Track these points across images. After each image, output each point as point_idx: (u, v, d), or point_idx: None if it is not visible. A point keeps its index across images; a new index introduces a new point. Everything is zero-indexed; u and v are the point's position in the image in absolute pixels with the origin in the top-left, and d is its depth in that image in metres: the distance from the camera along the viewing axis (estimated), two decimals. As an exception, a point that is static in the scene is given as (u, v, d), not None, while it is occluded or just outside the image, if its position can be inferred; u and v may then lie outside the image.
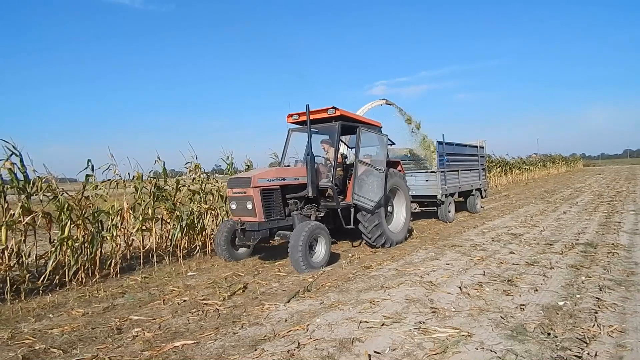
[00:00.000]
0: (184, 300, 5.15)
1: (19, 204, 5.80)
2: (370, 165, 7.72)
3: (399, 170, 8.88)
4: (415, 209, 10.81)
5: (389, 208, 8.44)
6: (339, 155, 8.05)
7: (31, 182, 5.99)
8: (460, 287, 5.15)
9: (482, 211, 13.39)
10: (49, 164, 6.25)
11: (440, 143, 11.22)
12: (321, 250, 6.56)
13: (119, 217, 7.02)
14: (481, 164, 13.90)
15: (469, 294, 4.89)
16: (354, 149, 8.20)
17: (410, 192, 9.87)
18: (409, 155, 12.67)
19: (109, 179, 7.39)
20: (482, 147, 14.26)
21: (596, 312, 4.14)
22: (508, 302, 4.56)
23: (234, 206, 6.83)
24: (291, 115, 8.01)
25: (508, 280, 5.37)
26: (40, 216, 5.99)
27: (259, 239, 6.68)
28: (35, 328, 4.41)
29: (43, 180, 6.15)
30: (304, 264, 6.14)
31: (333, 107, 7.30)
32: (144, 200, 7.40)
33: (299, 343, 3.69)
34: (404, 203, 8.75)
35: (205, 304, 4.97)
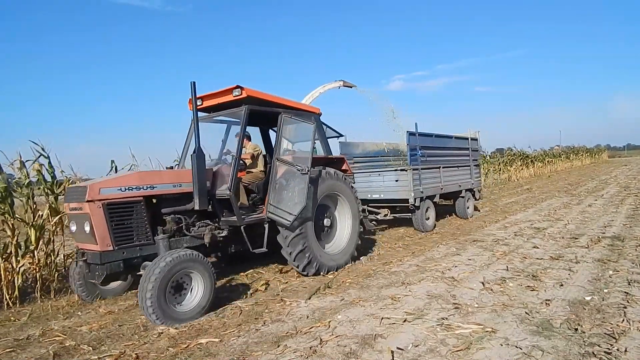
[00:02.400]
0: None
1: (47, 205, 5.98)
2: (292, 164, 5.70)
3: (344, 171, 6.85)
4: (386, 215, 9.24)
5: (325, 221, 6.42)
6: (253, 154, 6.46)
7: (59, 183, 6.17)
8: (483, 283, 5.09)
9: (476, 215, 11.34)
10: (75, 165, 6.43)
11: (412, 134, 9.01)
12: (196, 291, 4.55)
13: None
14: (473, 160, 11.56)
15: (492, 290, 4.82)
16: (297, 144, 7.11)
17: (379, 196, 9.01)
18: (386, 150, 11.22)
19: None
20: (474, 140, 11.89)
21: (625, 307, 4.04)
22: (533, 298, 4.48)
23: (73, 228, 4.90)
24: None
25: (532, 275, 5.28)
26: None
27: (104, 275, 4.72)
28: (65, 325, 4.55)
29: (70, 181, 6.32)
30: (158, 314, 4.15)
31: (238, 87, 5.56)
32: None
33: (321, 339, 3.71)
34: (349, 214, 6.66)
35: (227, 301, 5.03)
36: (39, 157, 5.96)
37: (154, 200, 5.21)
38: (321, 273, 5.94)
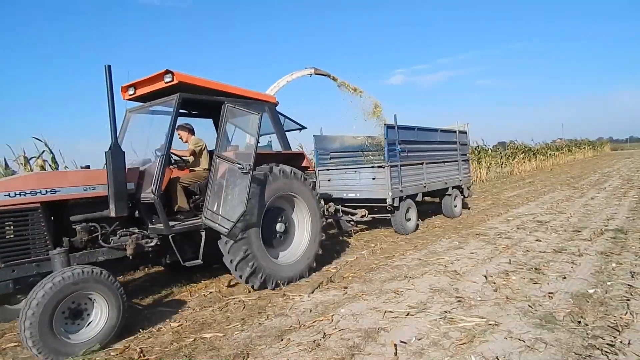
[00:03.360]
0: (210, 292, 5.24)
1: None
2: (232, 161, 4.92)
3: (304, 168, 6.09)
4: (364, 216, 8.47)
5: (278, 226, 5.59)
6: (195, 150, 5.63)
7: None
8: (485, 276, 5.09)
9: (467, 213, 10.67)
10: (79, 160, 6.43)
11: (390, 127, 8.25)
12: (99, 319, 3.78)
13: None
14: (462, 154, 10.78)
15: (494, 283, 4.82)
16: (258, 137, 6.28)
17: (355, 195, 8.34)
18: (367, 144, 10.47)
19: None
20: (463, 133, 11.05)
21: (628, 300, 4.03)
22: (536, 291, 4.48)
23: None
24: (126, 89, 5.41)
25: (535, 269, 5.28)
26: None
27: None
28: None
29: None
30: (40, 348, 3.41)
31: (168, 72, 4.84)
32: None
33: (324, 333, 3.72)
34: (308, 218, 5.86)
35: (230, 295, 5.05)
36: (43, 152, 5.97)
37: (60, 207, 4.37)
38: (268, 286, 5.13)
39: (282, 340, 3.67)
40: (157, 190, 4.59)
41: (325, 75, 9.59)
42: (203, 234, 4.95)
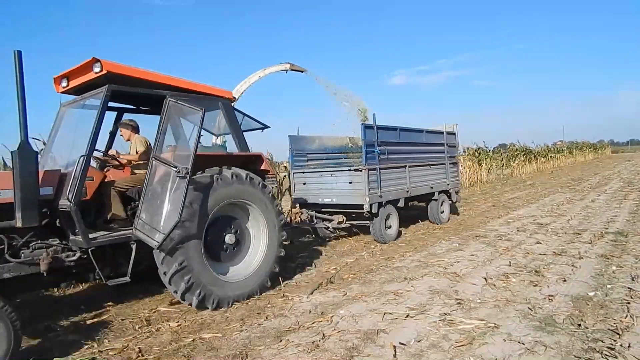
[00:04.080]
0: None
1: None
2: (168, 164, 4.33)
3: (264, 172, 5.47)
4: (341, 223, 7.84)
5: (227, 237, 4.89)
6: (137, 150, 5.03)
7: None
8: (485, 278, 5.08)
9: (457, 219, 10.10)
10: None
11: (368, 127, 7.64)
12: None
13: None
14: (450, 157, 10.15)
15: (494, 285, 4.81)
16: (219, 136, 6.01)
17: (331, 200, 7.78)
18: (350, 146, 9.79)
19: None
20: (451, 134, 10.45)
21: (629, 303, 4.02)
22: (535, 293, 4.47)
23: None
24: (59, 80, 4.82)
25: (535, 271, 5.27)
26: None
27: None
28: (69, 320, 4.56)
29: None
30: None
31: (96, 60, 4.25)
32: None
33: (323, 334, 3.71)
34: (265, 230, 5.19)
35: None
36: (42, 150, 5.96)
37: None
38: (208, 306, 4.50)
39: (281, 341, 3.66)
40: (74, 197, 3.97)
41: (301, 72, 9.05)
42: (134, 247, 4.32)
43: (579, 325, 3.59)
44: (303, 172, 8.41)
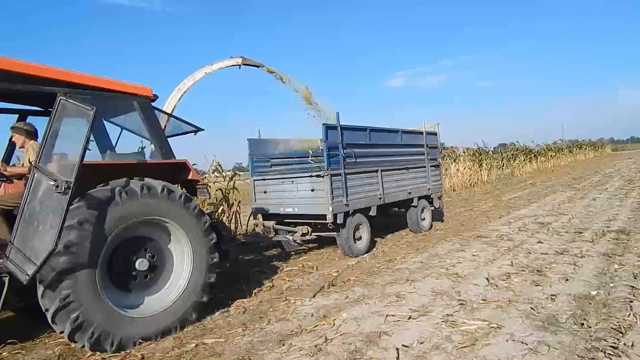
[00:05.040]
0: (211, 298, 5.21)
1: None
2: (49, 176, 3.56)
3: (190, 183, 4.91)
4: (306, 234, 6.98)
5: (139, 263, 4.12)
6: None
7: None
8: (487, 279, 5.07)
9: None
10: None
11: (331, 128, 6.79)
12: None
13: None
14: (431, 159, 9.26)
15: (497, 286, 4.81)
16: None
17: (292, 209, 6.97)
18: (321, 149, 7.64)
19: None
20: (432, 134, 9.58)
21: (631, 301, 4.01)
22: (538, 293, 4.46)
23: None
24: None
25: (537, 271, 5.26)
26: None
27: None
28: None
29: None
30: None
31: None
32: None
33: (326, 338, 3.71)
34: (190, 253, 4.38)
35: (231, 299, 5.04)
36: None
37: None
38: (106, 347, 3.71)
39: (283, 345, 3.65)
40: None
41: (256, 67, 8.00)
42: (6, 280, 3.54)
43: (582, 324, 3.58)
44: (263, 179, 7.60)
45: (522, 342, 3.33)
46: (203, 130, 5.54)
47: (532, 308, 4.04)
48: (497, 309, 4.10)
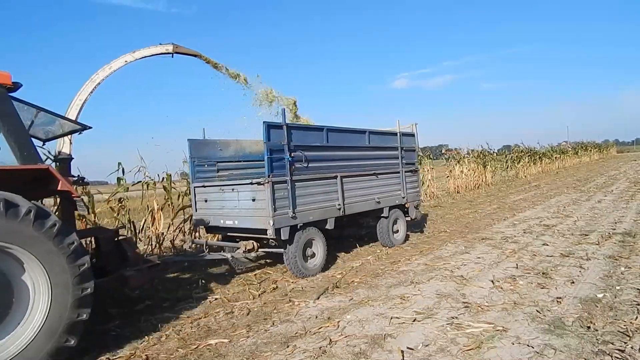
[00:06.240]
0: (215, 299, 5.23)
1: (55, 207, 6.02)
2: None
3: (63, 194, 4.26)
4: (252, 250, 6.05)
5: None
6: None
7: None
8: (492, 281, 5.05)
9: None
10: (82, 168, 6.38)
11: (274, 127, 5.77)
12: None
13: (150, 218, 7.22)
14: (407, 164, 8.21)
15: (502, 288, 4.78)
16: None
17: (232, 222, 6.08)
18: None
19: (140, 181, 7.64)
20: (409, 135, 8.55)
21: (638, 304, 3.99)
22: (543, 296, 4.43)
23: None
24: None
25: (542, 273, 5.23)
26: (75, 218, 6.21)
27: None
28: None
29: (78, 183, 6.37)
30: None
31: None
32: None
33: (330, 339, 3.70)
34: (46, 283, 3.35)
35: (235, 301, 5.04)
36: (46, 160, 6.00)
37: None
38: None
39: (287, 346, 3.65)
40: None
41: (191, 55, 6.72)
42: None
43: (589, 327, 3.56)
44: (204, 186, 6.65)
45: (528, 345, 3.31)
46: (90, 128, 4.72)
47: (537, 311, 4.01)
48: (503, 311, 4.08)
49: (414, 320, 3.99)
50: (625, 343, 3.23)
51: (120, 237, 4.86)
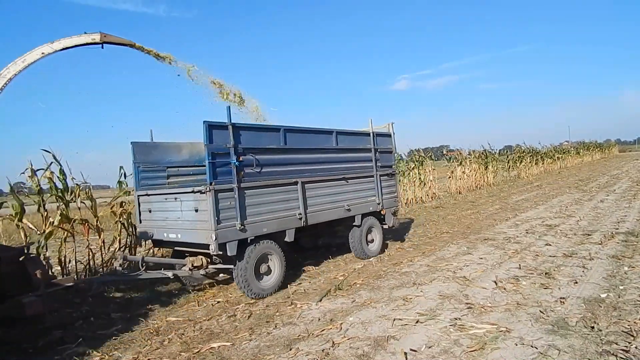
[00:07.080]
0: (218, 302, 5.23)
1: (58, 212, 6.04)
2: None
3: None
4: (200, 267, 5.38)
5: None
6: None
7: (70, 190, 6.25)
8: (495, 282, 5.03)
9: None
10: (85, 172, 6.40)
11: (217, 127, 5.06)
12: None
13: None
14: (382, 167, 7.55)
15: (505, 289, 4.77)
16: None
17: (176, 236, 5.44)
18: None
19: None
20: (384, 136, 7.84)
21: (642, 304, 3.97)
22: (547, 296, 4.42)
23: None
24: None
25: (545, 273, 5.21)
26: (78, 223, 6.24)
27: None
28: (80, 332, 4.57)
29: (80, 187, 6.41)
30: None
31: None
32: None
33: (333, 342, 3.69)
34: None
35: (238, 304, 5.03)
36: (51, 164, 6.04)
37: None
38: None
39: (290, 349, 3.64)
40: None
41: (124, 45, 5.47)
42: None
43: (592, 327, 3.55)
44: (147, 195, 5.94)
45: (531, 346, 3.30)
46: None
47: (541, 311, 4.00)
48: (506, 312, 4.07)
49: (416, 322, 3.98)
50: (629, 343, 3.22)
51: (29, 256, 4.30)
